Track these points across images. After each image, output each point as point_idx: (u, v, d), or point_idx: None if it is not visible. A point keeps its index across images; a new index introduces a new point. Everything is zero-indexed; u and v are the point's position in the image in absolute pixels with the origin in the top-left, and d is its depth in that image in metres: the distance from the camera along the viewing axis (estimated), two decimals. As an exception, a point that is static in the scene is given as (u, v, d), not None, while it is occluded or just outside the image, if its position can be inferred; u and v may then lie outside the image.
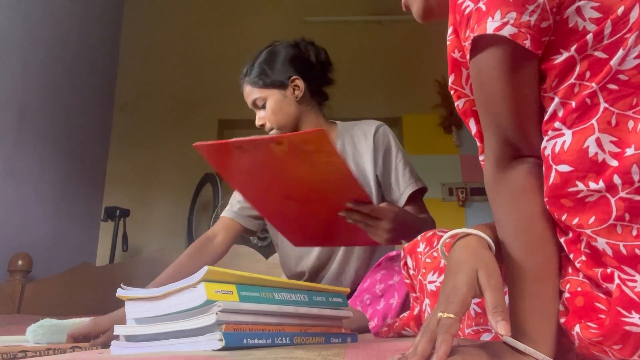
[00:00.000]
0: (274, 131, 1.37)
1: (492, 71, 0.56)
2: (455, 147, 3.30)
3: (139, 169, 3.29)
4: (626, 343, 0.51)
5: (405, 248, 0.89)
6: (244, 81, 1.40)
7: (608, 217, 0.52)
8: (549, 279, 0.57)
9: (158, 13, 3.58)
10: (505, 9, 0.52)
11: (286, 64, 1.38)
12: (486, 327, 0.71)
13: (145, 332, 0.69)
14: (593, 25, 0.53)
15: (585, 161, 0.53)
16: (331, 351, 0.64)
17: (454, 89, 0.66)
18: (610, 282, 0.52)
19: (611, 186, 0.52)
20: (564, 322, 0.56)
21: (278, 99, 1.35)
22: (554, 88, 0.56)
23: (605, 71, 0.52)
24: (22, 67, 2.39)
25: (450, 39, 0.63)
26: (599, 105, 0.53)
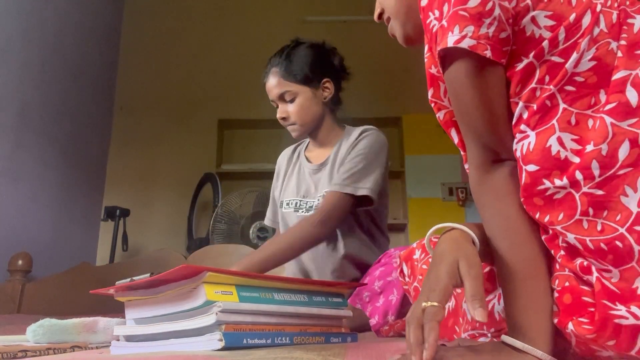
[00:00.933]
0: (295, 127, 1.40)
1: (461, 82, 0.60)
2: (455, 147, 3.30)
3: (139, 168, 3.29)
4: (619, 337, 0.52)
5: (401, 255, 0.89)
6: (273, 72, 1.39)
7: (574, 213, 0.55)
8: (538, 276, 0.59)
9: (158, 13, 3.58)
10: (462, 24, 0.56)
11: (322, 65, 1.42)
12: (482, 332, 0.71)
13: (145, 332, 0.69)
14: (548, 32, 0.57)
15: (549, 159, 0.56)
16: (331, 351, 0.64)
17: (433, 101, 0.70)
18: (589, 273, 0.54)
19: (574, 182, 0.54)
20: (557, 322, 0.57)
21: (309, 97, 1.38)
22: (518, 93, 0.59)
23: (561, 74, 0.56)
24: (22, 67, 2.39)
25: (427, 56, 0.68)
26: (559, 106, 0.56)
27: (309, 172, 1.47)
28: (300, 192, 1.46)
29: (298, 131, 1.42)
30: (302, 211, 1.43)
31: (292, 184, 1.50)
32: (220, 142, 3.38)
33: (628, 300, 0.51)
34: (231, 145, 3.44)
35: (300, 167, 1.51)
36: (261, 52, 1.46)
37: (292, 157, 1.56)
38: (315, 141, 1.49)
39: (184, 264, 0.63)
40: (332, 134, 1.47)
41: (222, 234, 2.76)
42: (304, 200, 1.44)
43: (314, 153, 1.51)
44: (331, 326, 0.84)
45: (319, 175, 1.45)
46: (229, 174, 3.26)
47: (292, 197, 1.47)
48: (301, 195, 1.46)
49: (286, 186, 1.51)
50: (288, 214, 1.46)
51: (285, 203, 1.48)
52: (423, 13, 0.63)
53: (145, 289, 0.69)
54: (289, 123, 1.40)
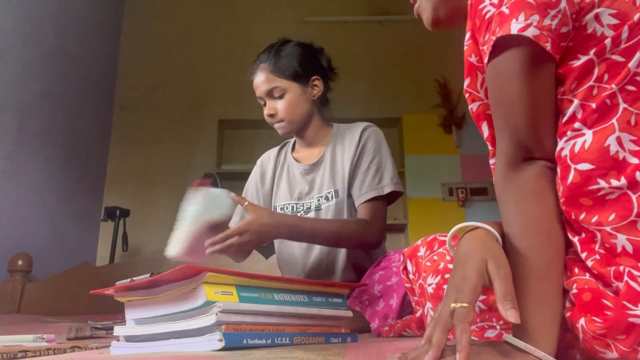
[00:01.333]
0: (282, 124, 1.37)
1: (511, 72, 0.58)
2: (455, 147, 3.30)
3: (139, 169, 3.29)
4: (629, 334, 0.52)
5: (405, 252, 0.89)
6: (262, 67, 1.37)
7: (629, 214, 0.53)
8: (553, 278, 0.58)
9: (158, 13, 3.58)
10: (529, 12, 0.54)
11: (311, 63, 1.40)
12: (491, 324, 0.71)
13: (145, 333, 0.69)
14: (611, 31, 0.55)
15: (607, 159, 0.55)
16: (331, 351, 0.64)
17: (468, 92, 0.67)
18: (620, 280, 0.53)
19: (633, 183, 0.53)
20: (569, 315, 0.57)
21: (298, 94, 1.36)
22: (573, 90, 0.58)
23: (623, 73, 0.54)
24: (22, 67, 2.39)
25: (468, 43, 0.65)
26: (619, 105, 0.55)
27: (301, 173, 1.44)
28: (294, 196, 1.43)
29: (286, 128, 1.38)
30: (301, 214, 1.40)
31: (283, 188, 1.46)
32: (220, 142, 3.38)
33: None
34: (231, 146, 3.44)
35: (289, 169, 1.47)
36: (261, 52, 1.46)
37: (278, 159, 1.52)
38: (303, 140, 1.46)
39: (184, 264, 0.63)
40: (320, 133, 1.45)
41: (222, 234, 2.75)
42: (300, 203, 1.42)
43: (302, 153, 1.48)
44: (331, 326, 0.84)
45: (312, 175, 1.42)
46: (229, 174, 3.26)
47: (285, 201, 1.44)
48: (295, 199, 1.43)
49: (277, 190, 1.47)
50: None
51: (279, 208, 1.44)
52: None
53: (145, 290, 0.69)
54: (277, 120, 1.37)
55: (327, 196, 1.38)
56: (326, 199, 1.38)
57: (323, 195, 1.39)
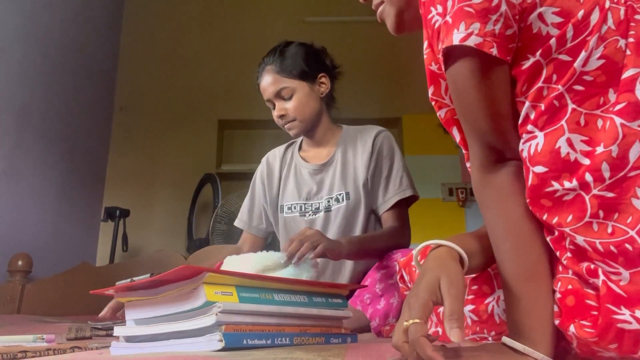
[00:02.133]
0: (294, 123, 1.37)
1: (465, 80, 0.58)
2: (455, 147, 3.30)
3: (139, 169, 3.29)
4: (621, 342, 0.51)
5: (400, 262, 0.89)
6: (268, 70, 1.37)
7: (584, 215, 0.54)
8: (541, 278, 0.58)
9: (158, 13, 3.58)
10: (469, 21, 0.54)
11: (316, 61, 1.41)
12: (483, 335, 0.71)
13: (145, 333, 0.69)
14: (555, 30, 0.55)
15: (558, 161, 0.55)
16: (331, 351, 0.64)
17: (434, 100, 0.68)
18: (595, 277, 0.53)
19: (584, 184, 0.53)
20: (558, 323, 0.56)
21: (307, 92, 1.37)
22: (524, 92, 0.58)
23: (570, 73, 0.54)
24: (22, 67, 2.39)
25: (427, 52, 0.66)
26: (567, 106, 0.55)
27: (309, 173, 1.44)
28: (302, 195, 1.42)
29: (298, 128, 1.38)
30: (309, 214, 1.40)
31: (290, 187, 1.45)
32: (220, 142, 3.38)
33: (635, 304, 0.50)
34: (231, 146, 3.44)
35: (297, 169, 1.47)
36: (261, 53, 1.46)
37: (285, 158, 1.51)
38: (312, 140, 1.46)
39: (184, 265, 0.63)
40: (329, 132, 1.45)
41: (222, 234, 2.75)
42: (308, 203, 1.41)
43: (310, 153, 1.48)
44: (331, 327, 0.84)
45: (321, 175, 1.42)
46: (229, 174, 3.26)
47: (293, 200, 1.43)
48: (304, 198, 1.42)
49: (284, 189, 1.46)
50: (293, 218, 1.42)
51: (286, 207, 1.44)
52: (424, 7, 0.61)
53: (145, 290, 0.70)
54: (288, 120, 1.37)
55: (337, 198, 1.38)
56: (337, 200, 1.38)
57: (333, 197, 1.38)
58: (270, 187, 1.49)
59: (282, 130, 1.46)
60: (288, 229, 1.43)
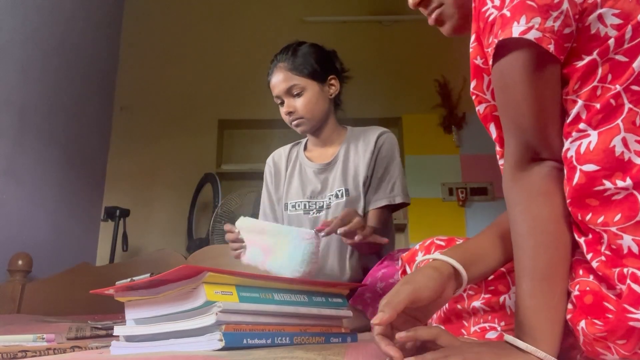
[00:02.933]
0: (302, 120, 1.38)
1: (515, 74, 0.58)
2: (455, 147, 3.30)
3: (139, 168, 3.29)
4: (630, 339, 0.52)
5: (404, 257, 0.89)
6: (280, 67, 1.39)
7: (635, 214, 0.53)
8: (558, 279, 0.58)
9: (158, 13, 3.58)
10: (530, 14, 0.54)
11: (328, 63, 1.44)
12: (493, 325, 0.71)
13: (145, 332, 0.69)
14: (614, 31, 0.55)
15: (612, 160, 0.55)
16: (331, 351, 0.64)
17: (475, 94, 0.68)
18: (623, 282, 0.53)
19: (639, 183, 0.53)
20: (570, 317, 0.56)
21: (317, 92, 1.39)
22: (577, 91, 0.58)
23: (628, 73, 0.54)
24: (22, 67, 2.39)
25: (473, 46, 0.65)
26: (624, 106, 0.55)
27: (314, 172, 1.46)
28: (306, 194, 1.45)
29: (305, 125, 1.40)
30: (313, 212, 1.42)
31: (295, 185, 1.48)
32: (220, 142, 3.38)
33: None
34: (231, 146, 3.44)
35: (302, 168, 1.49)
36: (261, 52, 1.46)
37: (290, 158, 1.54)
38: (318, 139, 1.48)
39: (184, 264, 0.63)
40: (335, 133, 1.48)
41: (222, 234, 2.73)
42: (312, 201, 1.43)
43: (315, 153, 1.50)
44: (331, 326, 0.84)
45: (325, 174, 1.44)
46: (229, 174, 3.26)
47: (297, 199, 1.46)
48: (307, 197, 1.44)
49: (288, 188, 1.49)
50: (297, 216, 1.44)
51: (290, 205, 1.46)
52: (478, 0, 0.61)
53: (145, 289, 0.69)
54: (297, 117, 1.39)
55: (337, 194, 1.41)
56: (336, 196, 1.40)
57: (333, 193, 1.41)
58: (277, 186, 1.52)
59: (283, 131, 1.46)
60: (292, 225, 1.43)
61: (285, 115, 1.41)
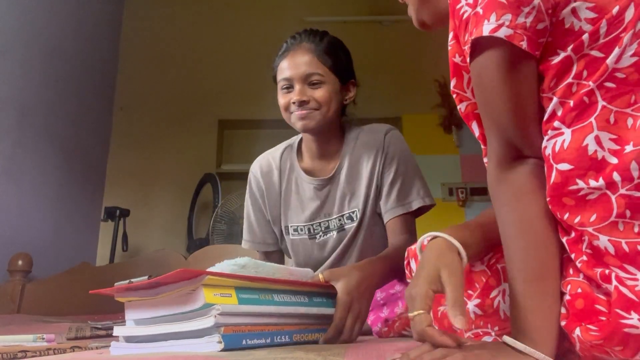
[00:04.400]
0: (315, 113, 1.19)
1: (491, 73, 0.57)
2: (455, 147, 3.30)
3: (139, 169, 3.29)
4: (627, 345, 0.51)
5: (410, 251, 0.88)
6: (305, 47, 1.21)
7: (609, 215, 0.53)
8: (550, 278, 0.58)
9: (158, 13, 3.58)
10: (500, 12, 0.53)
11: (351, 64, 1.30)
12: (486, 330, 0.71)
13: (144, 333, 0.69)
14: (589, 25, 0.54)
15: (585, 159, 0.54)
16: (331, 351, 0.64)
17: (455, 92, 0.67)
18: (608, 282, 0.52)
19: (611, 183, 0.52)
20: (564, 325, 0.56)
21: (336, 90, 1.22)
22: (552, 88, 0.56)
23: (602, 70, 0.53)
24: (23, 67, 2.39)
25: (451, 44, 0.64)
26: (597, 103, 0.54)
27: (314, 188, 1.27)
28: (307, 216, 1.27)
29: (316, 120, 1.19)
30: (320, 235, 1.26)
31: (293, 206, 1.29)
32: (220, 142, 3.38)
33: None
34: (231, 146, 3.44)
35: (299, 183, 1.29)
36: (261, 53, 1.46)
37: (283, 170, 1.31)
38: (317, 145, 1.27)
39: (183, 268, 0.63)
40: (336, 141, 1.28)
41: (222, 234, 2.76)
42: (316, 223, 1.27)
43: (311, 164, 1.30)
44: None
45: (326, 190, 1.26)
46: (229, 174, 3.26)
47: (299, 222, 1.28)
48: (309, 219, 1.27)
49: (286, 208, 1.29)
50: (302, 241, 1.28)
51: (292, 229, 1.29)
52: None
53: (144, 290, 0.70)
54: (311, 107, 1.18)
55: (350, 216, 1.24)
56: (350, 219, 1.24)
57: (346, 215, 1.24)
58: (271, 204, 1.31)
59: (283, 131, 1.37)
60: (296, 250, 1.30)
61: (290, 104, 1.19)
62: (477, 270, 0.73)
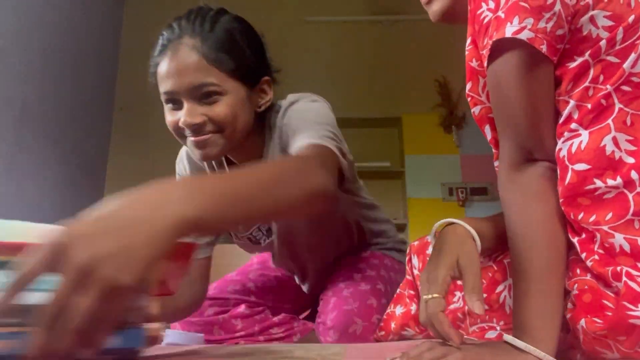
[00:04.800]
0: (216, 137, 0.87)
1: (509, 75, 0.58)
2: (455, 147, 3.30)
3: (139, 169, 3.29)
4: (630, 335, 0.52)
5: (413, 247, 0.88)
6: (185, 45, 0.88)
7: (626, 213, 0.54)
8: (554, 279, 0.58)
9: (158, 13, 3.58)
10: (523, 15, 0.55)
11: (263, 56, 0.96)
12: (491, 325, 0.71)
13: None
14: (606, 33, 0.56)
15: (603, 159, 0.55)
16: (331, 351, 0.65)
17: (470, 96, 0.68)
18: (618, 280, 0.53)
19: (629, 182, 0.54)
20: (570, 317, 0.57)
21: (241, 99, 0.88)
22: (569, 91, 0.58)
23: (618, 74, 0.55)
24: (23, 67, 2.39)
25: (469, 49, 0.66)
26: (614, 106, 0.56)
27: None
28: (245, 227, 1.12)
29: (219, 145, 0.88)
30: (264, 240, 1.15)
31: None
32: (220, 142, 3.39)
33: None
34: (231, 146, 3.44)
35: None
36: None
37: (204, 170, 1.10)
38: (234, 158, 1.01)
39: None
40: (254, 146, 0.98)
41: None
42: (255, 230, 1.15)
43: None
44: None
45: None
46: (229, 174, 3.26)
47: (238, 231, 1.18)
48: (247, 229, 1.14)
49: None
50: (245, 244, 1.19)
51: (233, 235, 1.19)
52: (474, 3, 0.61)
53: None
54: (208, 131, 0.86)
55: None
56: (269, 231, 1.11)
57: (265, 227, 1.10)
58: None
59: None
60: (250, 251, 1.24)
61: (181, 124, 0.87)
62: (484, 265, 0.74)
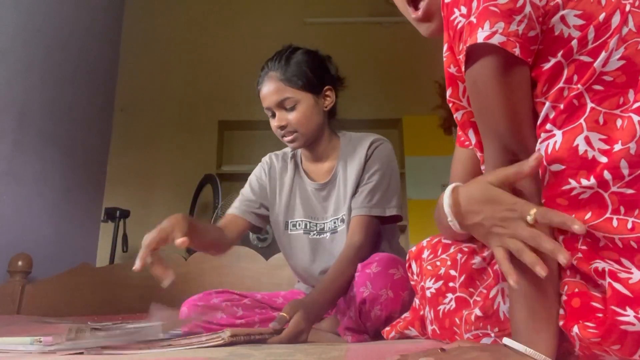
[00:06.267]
0: (295, 135, 1.29)
1: (486, 79, 0.58)
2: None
3: (139, 169, 3.29)
4: (624, 343, 0.52)
5: (411, 253, 0.89)
6: (271, 77, 1.29)
7: (604, 212, 0.54)
8: (548, 280, 0.58)
9: (159, 14, 3.58)
10: (493, 20, 0.55)
11: (322, 72, 1.34)
12: (485, 332, 0.71)
13: None
14: (577, 32, 0.56)
15: (576, 158, 0.56)
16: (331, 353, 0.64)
17: (452, 101, 0.69)
18: (603, 278, 0.54)
19: (602, 182, 0.54)
20: (562, 324, 0.56)
21: (311, 104, 1.30)
22: (545, 93, 0.58)
23: (589, 73, 0.55)
24: (24, 67, 2.39)
25: (446, 55, 0.66)
26: (586, 105, 0.56)
27: (312, 190, 1.38)
28: (307, 214, 1.38)
29: (299, 141, 1.31)
30: (314, 234, 1.36)
31: (296, 203, 1.39)
32: (220, 143, 3.39)
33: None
34: (231, 147, 3.44)
35: (302, 184, 1.41)
36: (261, 54, 1.45)
37: (287, 169, 1.44)
38: (312, 154, 1.39)
39: None
40: (329, 146, 1.39)
41: (222, 235, 2.75)
42: (313, 222, 1.37)
43: (310, 168, 1.42)
44: None
45: (324, 194, 1.37)
46: (229, 175, 3.26)
47: (300, 217, 1.38)
48: (309, 217, 1.37)
49: (288, 204, 1.40)
50: (297, 236, 1.38)
51: (291, 224, 1.39)
52: (447, 9, 0.62)
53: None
54: (289, 131, 1.29)
55: (342, 218, 1.32)
56: (342, 221, 1.33)
57: (339, 217, 1.33)
58: (279, 199, 1.41)
59: None
60: (294, 247, 1.39)
61: (276, 129, 1.32)
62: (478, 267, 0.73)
